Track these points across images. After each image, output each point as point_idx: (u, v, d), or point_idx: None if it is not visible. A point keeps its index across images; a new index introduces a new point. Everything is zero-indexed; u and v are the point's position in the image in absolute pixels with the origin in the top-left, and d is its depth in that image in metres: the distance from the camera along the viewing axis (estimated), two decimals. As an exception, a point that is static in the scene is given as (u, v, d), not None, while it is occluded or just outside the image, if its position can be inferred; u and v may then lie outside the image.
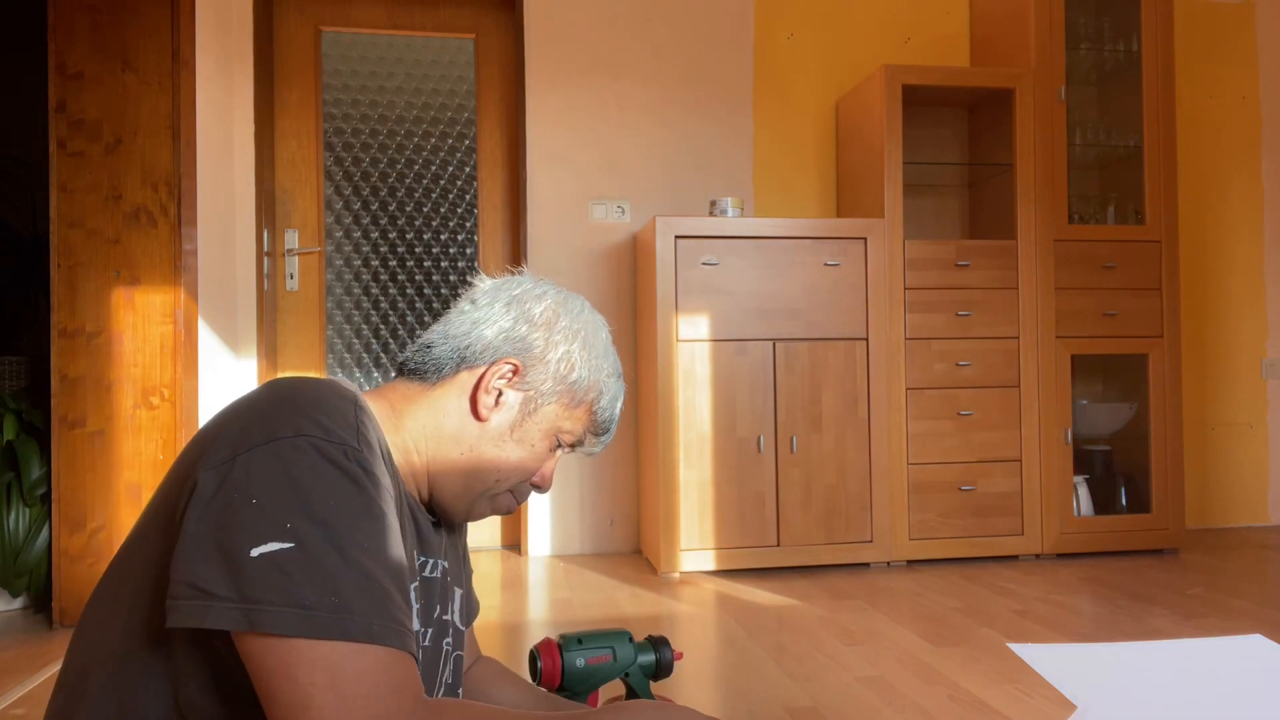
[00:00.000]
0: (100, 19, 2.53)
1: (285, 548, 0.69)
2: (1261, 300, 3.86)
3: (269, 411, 0.76)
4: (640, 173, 3.49)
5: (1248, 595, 2.69)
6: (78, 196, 2.50)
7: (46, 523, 2.57)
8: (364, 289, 3.50)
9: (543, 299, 1.00)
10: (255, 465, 0.72)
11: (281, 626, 0.67)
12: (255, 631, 0.67)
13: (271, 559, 0.68)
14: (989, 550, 3.16)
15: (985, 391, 3.17)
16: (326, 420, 0.76)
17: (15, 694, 2.00)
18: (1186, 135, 3.79)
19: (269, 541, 0.69)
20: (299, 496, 0.71)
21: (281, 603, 0.67)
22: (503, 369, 0.95)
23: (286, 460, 0.72)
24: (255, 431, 0.74)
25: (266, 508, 0.70)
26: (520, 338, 0.97)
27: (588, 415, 1.01)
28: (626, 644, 1.27)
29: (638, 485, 3.43)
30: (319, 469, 0.73)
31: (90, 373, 2.50)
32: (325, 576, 0.69)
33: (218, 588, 0.68)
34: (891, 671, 2.04)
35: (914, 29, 3.69)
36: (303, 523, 0.70)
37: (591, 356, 1.00)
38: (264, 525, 0.69)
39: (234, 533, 0.69)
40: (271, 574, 0.68)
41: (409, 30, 3.51)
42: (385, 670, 0.70)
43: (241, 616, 0.67)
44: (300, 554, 0.69)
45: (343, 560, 0.70)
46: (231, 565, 0.68)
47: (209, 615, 0.68)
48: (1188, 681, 0.85)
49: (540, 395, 0.97)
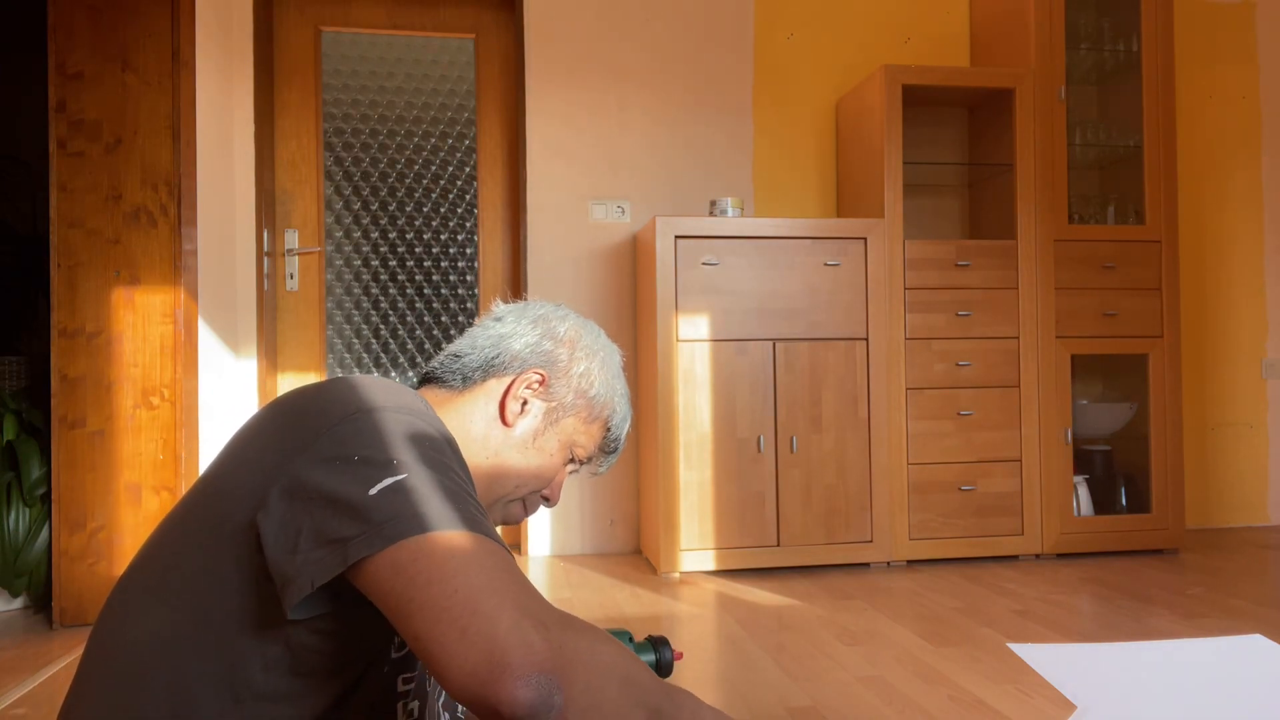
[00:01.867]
0: (100, 19, 2.53)
1: (398, 479, 0.73)
2: (1261, 300, 3.86)
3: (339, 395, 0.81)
4: (640, 173, 3.49)
5: (1248, 595, 2.69)
6: (78, 196, 2.50)
7: (46, 523, 2.57)
8: (364, 289, 3.50)
9: (565, 320, 1.08)
10: (343, 434, 0.76)
11: (414, 529, 0.70)
12: (393, 543, 0.69)
13: (389, 489, 0.72)
14: (989, 550, 3.16)
15: (985, 391, 3.17)
16: (393, 397, 0.82)
17: (15, 694, 2.00)
18: (1186, 135, 3.79)
19: (382, 479, 0.72)
20: (398, 443, 0.76)
21: (410, 514, 0.71)
22: (531, 378, 1.02)
23: (371, 422, 0.77)
24: (332, 411, 0.79)
25: (370, 457, 0.74)
26: (546, 352, 1.04)
27: (602, 431, 1.07)
28: (626, 644, 1.27)
29: (638, 485, 3.43)
30: (408, 423, 0.79)
31: (90, 373, 2.50)
32: (442, 491, 0.74)
33: (347, 530, 0.71)
34: (891, 671, 2.04)
35: (914, 29, 3.69)
36: (406, 459, 0.75)
37: (609, 377, 1.07)
38: (371, 469, 0.73)
39: (347, 487, 0.72)
40: (393, 498, 0.71)
41: (409, 30, 3.51)
42: (512, 564, 0.72)
43: (377, 538, 0.69)
44: (414, 479, 0.73)
45: (452, 484, 0.75)
46: (355, 510, 0.71)
47: (349, 552, 0.70)
48: (1188, 681, 0.85)
49: (562, 407, 1.03)
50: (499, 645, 0.64)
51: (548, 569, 3.19)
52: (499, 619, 0.65)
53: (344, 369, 3.49)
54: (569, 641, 0.68)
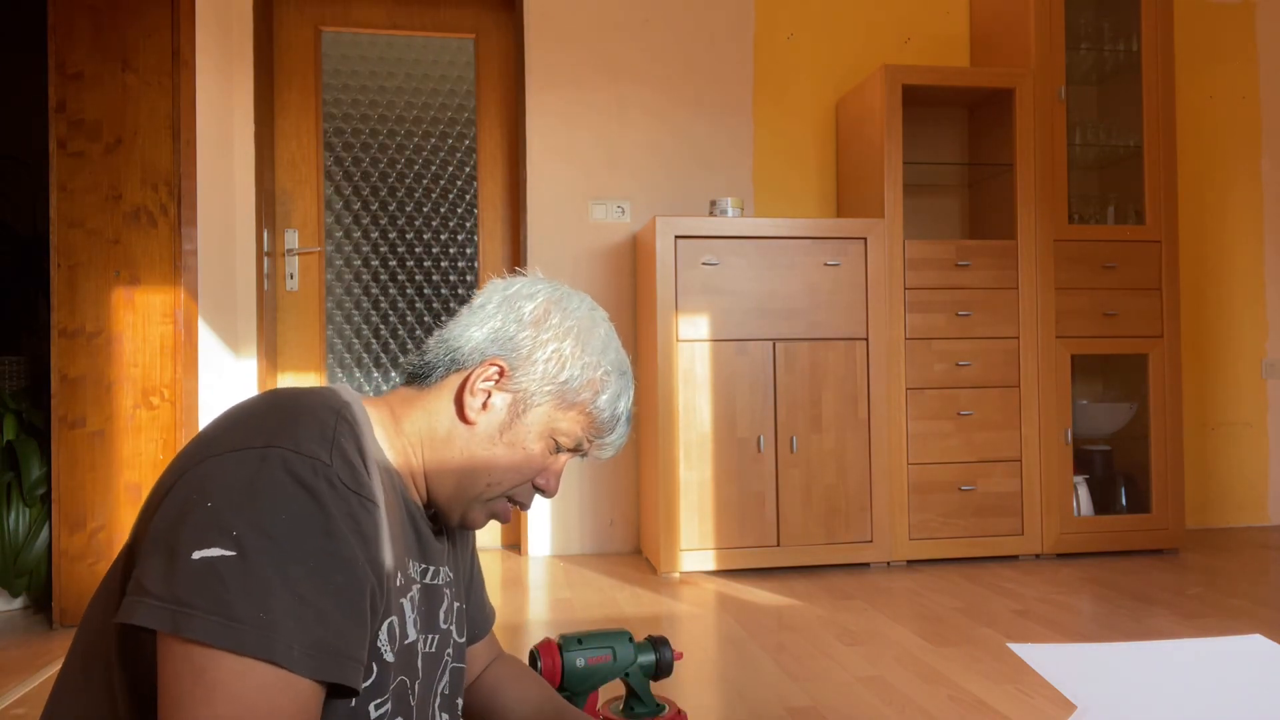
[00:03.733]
0: (100, 19, 2.53)
1: (226, 555, 0.68)
2: (1261, 300, 3.86)
3: (249, 420, 0.77)
4: (640, 173, 3.49)
5: (1248, 595, 2.69)
6: (78, 196, 2.50)
7: (46, 523, 2.57)
8: (364, 289, 3.50)
9: (534, 297, 0.97)
10: (219, 469, 0.72)
11: (204, 634, 0.66)
12: (177, 635, 0.66)
13: (210, 563, 0.67)
14: (989, 550, 3.16)
15: (985, 391, 3.17)
16: (303, 432, 0.76)
17: (15, 694, 2.00)
18: (1186, 135, 3.79)
19: (212, 546, 0.68)
20: (253, 506, 0.70)
21: (208, 610, 0.66)
22: (488, 371, 0.94)
23: (250, 470, 0.72)
24: (232, 438, 0.75)
25: (218, 512, 0.69)
26: (508, 338, 0.95)
27: (583, 416, 0.97)
28: (626, 644, 1.27)
29: (638, 485, 3.43)
30: (281, 483, 0.72)
31: (90, 373, 2.50)
32: (260, 590, 0.68)
33: (154, 585, 0.68)
34: (891, 671, 2.04)
35: (914, 29, 3.69)
36: (250, 532, 0.69)
37: (586, 354, 0.96)
38: (211, 529, 0.69)
39: (182, 532, 0.69)
40: (206, 578, 0.67)
41: (409, 30, 3.51)
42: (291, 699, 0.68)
43: (168, 617, 0.67)
44: (240, 563, 0.68)
45: (282, 578, 0.69)
46: (171, 564, 0.68)
47: (139, 612, 0.68)
48: (1187, 681, 0.85)
49: (529, 396, 0.94)
50: None
51: (548, 569, 3.19)
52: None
53: (344, 369, 3.49)
54: None
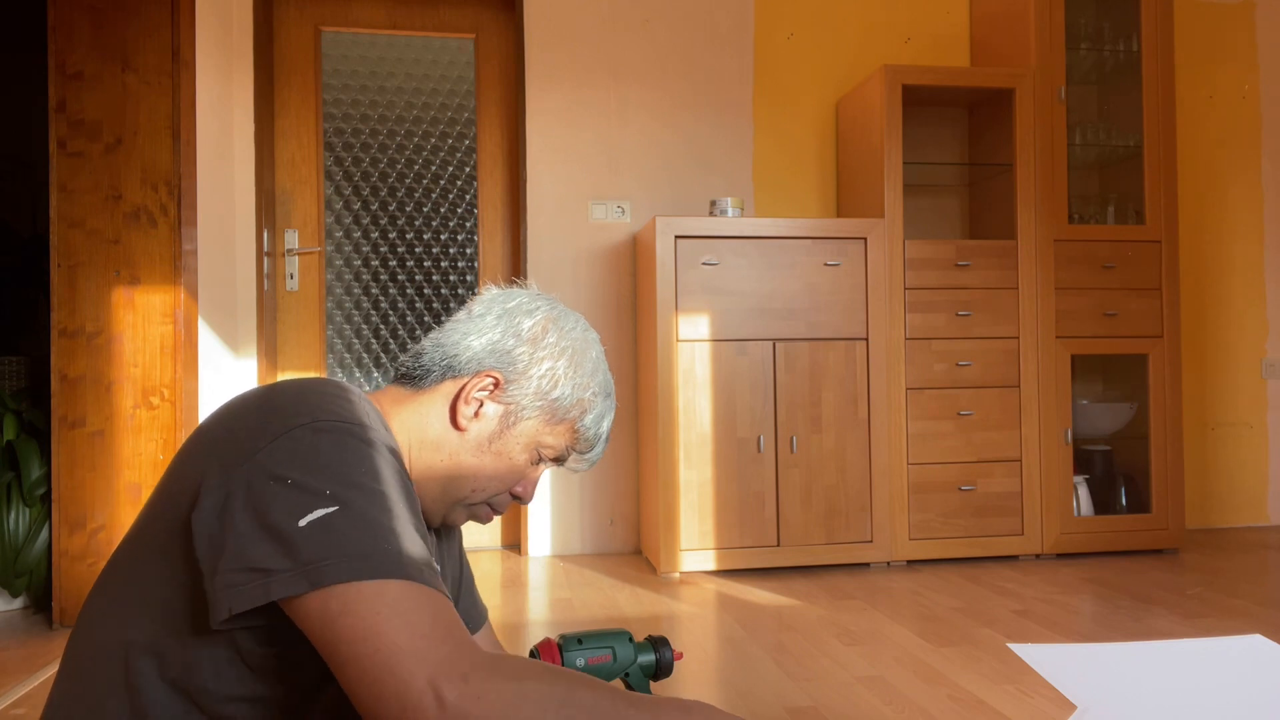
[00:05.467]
0: (100, 19, 2.53)
1: (330, 511, 0.72)
2: (1261, 300, 3.86)
3: (280, 405, 0.80)
4: (640, 173, 3.49)
5: (1248, 595, 2.69)
6: (78, 196, 2.50)
7: (46, 523, 2.57)
8: (364, 289, 3.50)
9: (534, 314, 1.01)
10: (280, 452, 0.75)
11: (341, 575, 0.70)
12: (320, 588, 0.69)
13: (319, 523, 0.71)
14: (989, 550, 3.16)
15: (985, 391, 3.17)
16: (338, 408, 0.80)
17: (15, 694, 2.00)
18: (1186, 135, 3.79)
19: (313, 510, 0.72)
20: (330, 467, 0.75)
21: (338, 556, 0.70)
22: (484, 381, 0.97)
23: (309, 441, 0.76)
24: (272, 424, 0.77)
25: (302, 483, 0.73)
26: (506, 351, 0.98)
27: (570, 432, 1.01)
28: (626, 644, 1.27)
29: (638, 485, 3.43)
30: (342, 443, 0.77)
31: (90, 373, 2.50)
32: (374, 528, 0.73)
33: (275, 563, 0.71)
34: (891, 671, 2.04)
35: (914, 29, 3.69)
36: (340, 487, 0.73)
37: (578, 374, 1.00)
38: (305, 497, 0.72)
39: (278, 513, 0.72)
40: (323, 535, 0.71)
41: (409, 30, 3.51)
42: (442, 609, 0.72)
43: (303, 579, 0.70)
44: (346, 513, 0.72)
45: (385, 514, 0.74)
46: (283, 541, 0.71)
47: (272, 588, 0.70)
48: (1188, 681, 0.85)
49: (520, 409, 0.98)
50: (410, 708, 0.66)
51: (548, 569, 3.19)
52: (412, 682, 0.67)
53: (344, 369, 3.49)
54: (490, 690, 0.68)
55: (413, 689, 0.66)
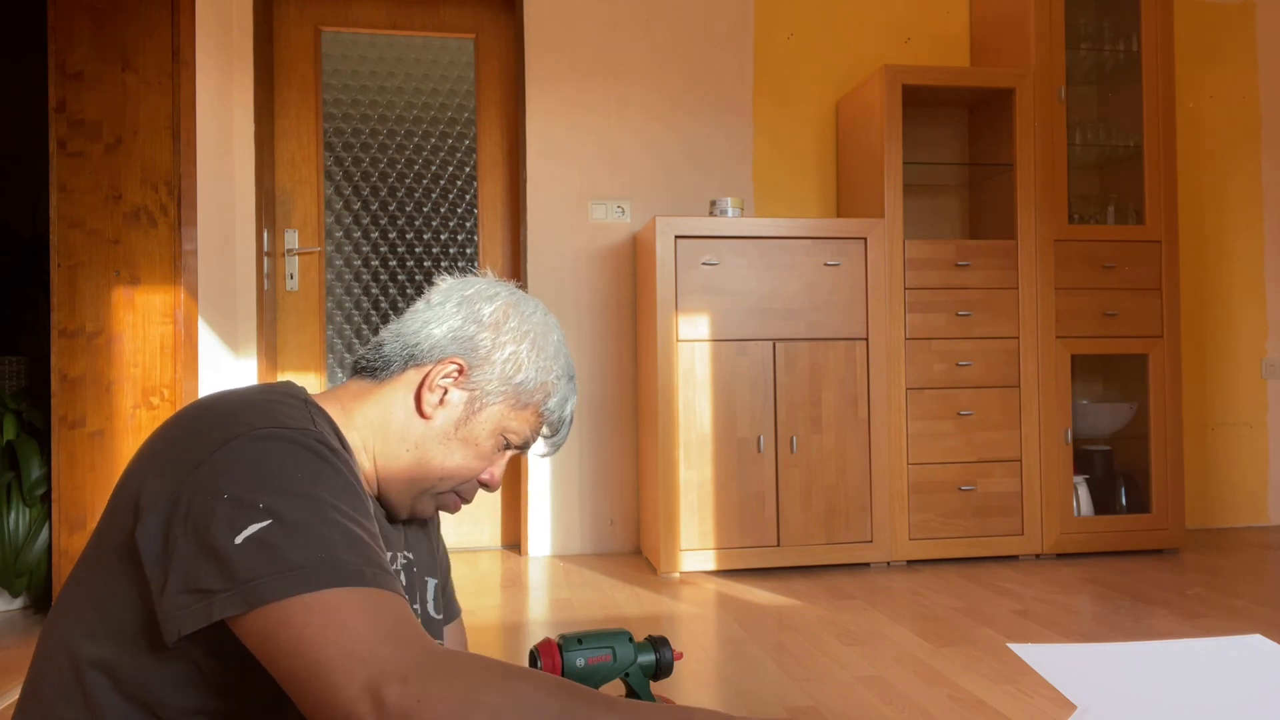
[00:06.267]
0: (100, 19, 2.53)
1: (264, 525, 0.70)
2: (1261, 300, 3.86)
3: (220, 416, 0.79)
4: (640, 173, 3.49)
5: (1248, 595, 2.69)
6: (78, 196, 2.50)
7: (46, 523, 2.57)
8: (364, 289, 3.50)
9: (494, 300, 1.01)
10: (218, 466, 0.74)
11: (276, 592, 0.68)
12: (258, 607, 0.68)
13: (255, 538, 0.70)
14: (989, 550, 3.16)
15: (985, 391, 3.17)
16: (281, 415, 0.79)
17: (15, 694, 2.00)
18: (1186, 135, 3.79)
19: (248, 525, 0.70)
20: (266, 477, 0.73)
21: (272, 572, 0.69)
22: (448, 368, 0.97)
23: (247, 452, 0.75)
24: (211, 436, 0.76)
25: (238, 497, 0.72)
26: (468, 337, 0.98)
27: (534, 417, 1.01)
28: (626, 644, 1.27)
29: (638, 485, 3.43)
30: (280, 450, 0.75)
31: (90, 373, 2.50)
32: (309, 538, 0.71)
33: (213, 584, 0.70)
34: (891, 671, 2.04)
35: (914, 29, 3.69)
36: (275, 498, 0.72)
37: (540, 358, 1.00)
38: (239, 512, 0.71)
39: (215, 531, 0.71)
40: (259, 551, 0.70)
41: (409, 30, 3.51)
42: (383, 610, 0.70)
43: (239, 600, 0.69)
44: (280, 526, 0.71)
45: (322, 521, 0.72)
46: (220, 560, 0.70)
47: (213, 610, 0.69)
48: (1188, 681, 0.85)
49: (485, 395, 0.98)
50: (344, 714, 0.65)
51: (548, 569, 3.19)
52: (344, 691, 0.65)
53: (344, 369, 3.49)
54: (434, 691, 0.65)
55: (344, 697, 0.65)
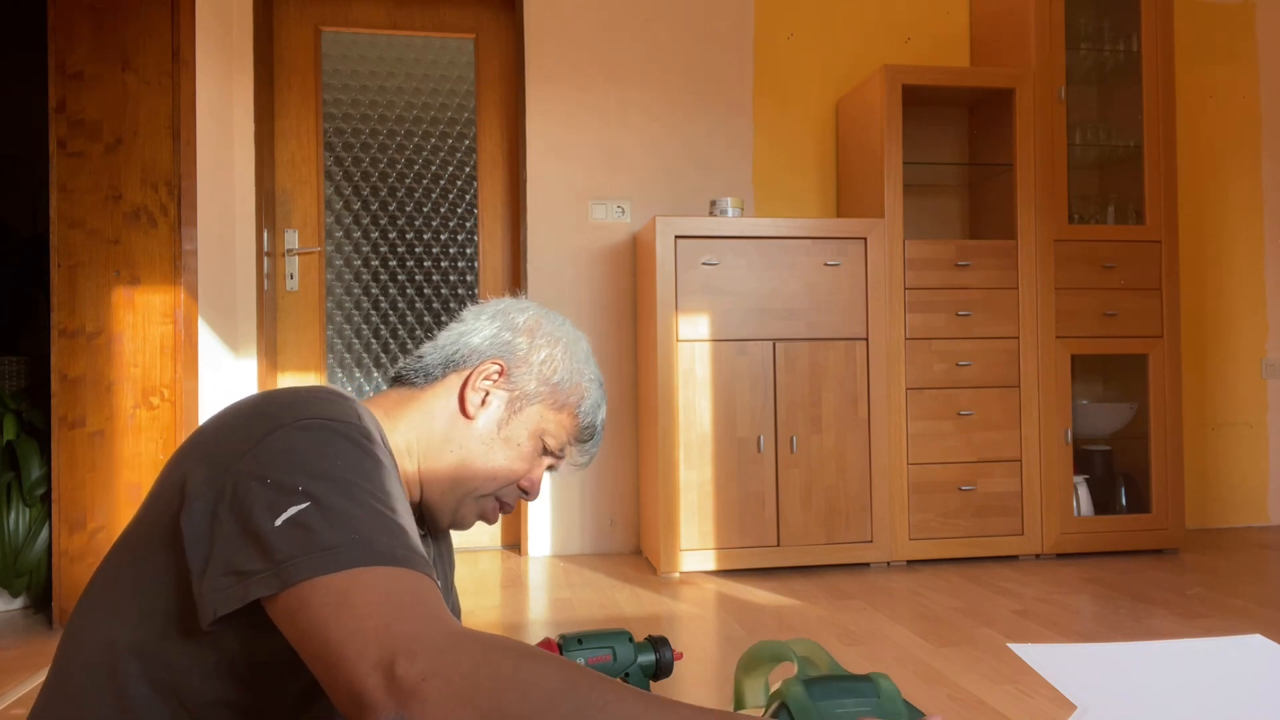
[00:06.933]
0: (100, 19, 2.53)
1: (302, 508, 0.72)
2: (1261, 300, 3.86)
3: (270, 408, 0.80)
4: (640, 173, 3.49)
5: (1248, 595, 2.69)
6: (78, 196, 2.50)
7: (46, 523, 2.57)
8: (364, 289, 3.50)
9: (525, 311, 1.07)
10: (264, 453, 0.76)
11: (310, 571, 0.69)
12: (290, 586, 0.69)
13: (292, 521, 0.71)
14: (989, 550, 3.16)
15: (985, 391, 3.17)
16: (328, 408, 0.81)
17: (15, 694, 2.00)
18: (1186, 135, 3.79)
19: (287, 509, 0.72)
20: (306, 463, 0.75)
21: (307, 552, 0.70)
22: (489, 369, 1.01)
23: (291, 439, 0.76)
24: (259, 426, 0.78)
25: (279, 481, 0.74)
26: (505, 342, 1.03)
27: (571, 419, 1.05)
28: (626, 644, 1.27)
29: (638, 485, 3.43)
30: (324, 438, 0.77)
31: (90, 373, 2.50)
32: (344, 520, 0.72)
33: (252, 565, 0.71)
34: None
35: (914, 29, 3.69)
36: (312, 481, 0.74)
37: (573, 362, 1.05)
38: (280, 496, 0.73)
39: (255, 514, 0.72)
40: (295, 533, 0.71)
41: (409, 30, 3.51)
42: (403, 587, 0.70)
43: (275, 579, 0.70)
44: (316, 508, 0.72)
45: (357, 504, 0.74)
46: (259, 542, 0.71)
47: (249, 590, 0.70)
48: (1188, 681, 0.85)
49: (525, 395, 1.02)
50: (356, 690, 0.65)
51: (548, 569, 3.19)
52: (356, 668, 0.65)
53: (344, 369, 3.49)
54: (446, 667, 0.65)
55: (356, 674, 0.65)
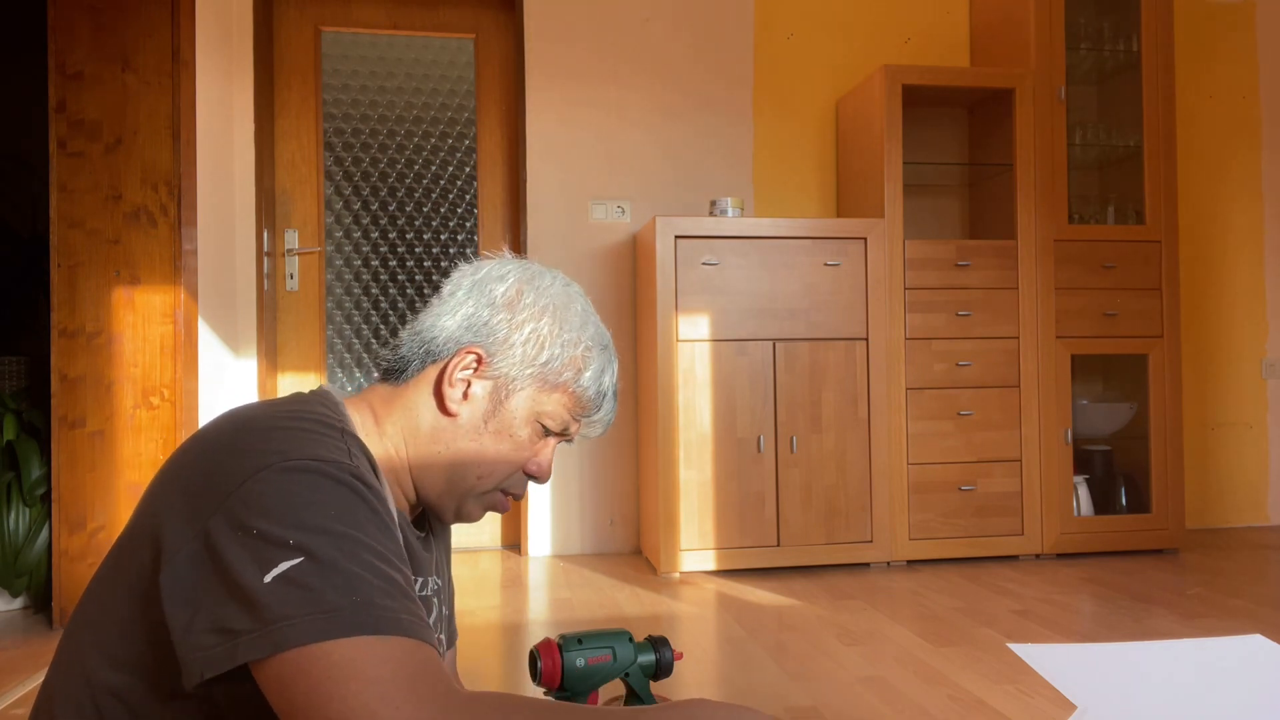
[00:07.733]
0: (100, 19, 2.53)
1: (295, 563, 0.67)
2: (1261, 300, 3.86)
3: (248, 442, 0.75)
4: (640, 173, 3.49)
5: (1248, 595, 2.69)
6: (78, 196, 2.50)
7: (46, 523, 2.57)
8: (364, 289, 3.50)
9: (504, 279, 0.95)
10: (248, 499, 0.70)
11: (308, 635, 0.65)
12: (283, 651, 0.64)
13: (285, 578, 0.66)
14: (989, 550, 3.16)
15: (985, 391, 3.17)
16: (315, 446, 0.75)
17: (15, 694, 2.00)
18: (1186, 135, 3.79)
19: (278, 563, 0.67)
20: (297, 512, 0.69)
21: (304, 614, 0.65)
22: (465, 359, 0.91)
23: (277, 483, 0.71)
24: (241, 465, 0.72)
25: (268, 532, 0.68)
26: (482, 323, 0.92)
27: (567, 396, 0.94)
28: (626, 644, 1.26)
29: (638, 485, 3.43)
30: (313, 484, 0.71)
31: (90, 373, 2.50)
32: (342, 579, 0.67)
33: (240, 624, 0.66)
34: (891, 671, 2.04)
35: (914, 29, 3.69)
36: (306, 535, 0.68)
37: (565, 331, 0.93)
38: (269, 550, 0.67)
39: (242, 568, 0.67)
40: (289, 591, 0.66)
41: (409, 30, 3.51)
42: (412, 658, 0.67)
43: (267, 642, 0.65)
44: (311, 564, 0.67)
45: (355, 562, 0.69)
46: (248, 599, 0.66)
47: (237, 653, 0.66)
48: (1187, 681, 0.85)
49: (510, 381, 0.92)
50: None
51: (548, 569, 3.19)
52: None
53: (344, 369, 3.49)
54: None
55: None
